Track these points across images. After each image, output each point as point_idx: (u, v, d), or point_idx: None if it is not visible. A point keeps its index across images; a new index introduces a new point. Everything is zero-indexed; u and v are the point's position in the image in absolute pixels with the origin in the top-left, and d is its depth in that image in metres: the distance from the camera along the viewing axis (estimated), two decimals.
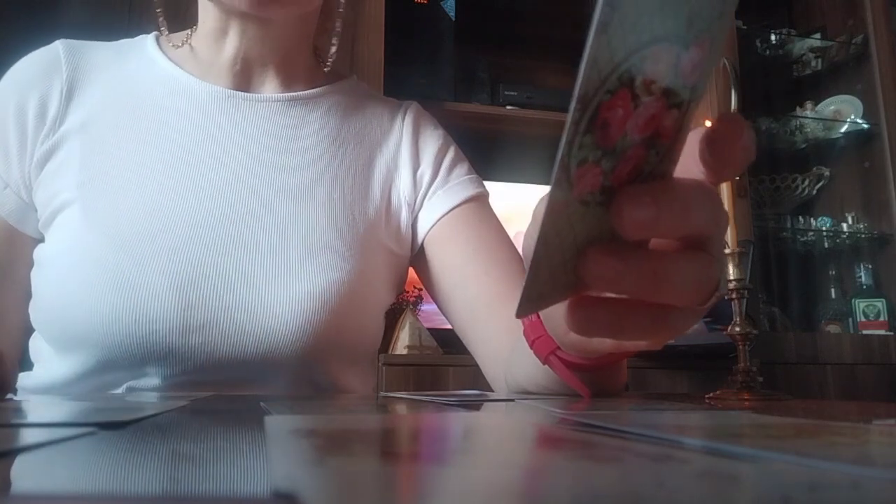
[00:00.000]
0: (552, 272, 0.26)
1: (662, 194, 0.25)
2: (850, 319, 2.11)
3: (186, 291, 0.59)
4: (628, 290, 0.27)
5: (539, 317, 0.43)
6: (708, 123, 0.27)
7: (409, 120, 0.75)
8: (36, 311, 0.63)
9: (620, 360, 0.47)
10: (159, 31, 0.72)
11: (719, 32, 0.25)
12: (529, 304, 0.27)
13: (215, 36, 0.68)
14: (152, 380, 0.59)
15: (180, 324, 0.59)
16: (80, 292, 0.58)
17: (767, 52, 2.26)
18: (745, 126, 0.25)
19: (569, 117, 0.22)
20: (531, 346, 0.46)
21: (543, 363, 0.46)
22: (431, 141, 0.74)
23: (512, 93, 1.96)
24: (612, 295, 0.29)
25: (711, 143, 0.26)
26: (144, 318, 0.58)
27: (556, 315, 0.36)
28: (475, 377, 0.73)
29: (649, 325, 0.29)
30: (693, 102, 0.25)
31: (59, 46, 0.68)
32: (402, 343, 1.65)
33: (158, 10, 0.70)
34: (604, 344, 0.38)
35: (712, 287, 0.28)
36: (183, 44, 0.71)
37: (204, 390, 0.58)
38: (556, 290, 0.28)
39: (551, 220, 0.24)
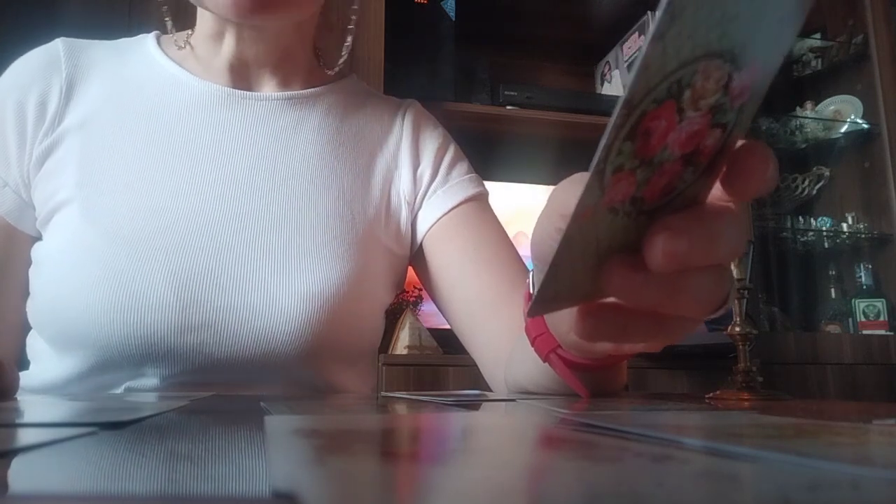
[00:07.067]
0: (571, 276, 0.26)
1: (695, 227, 0.25)
2: (850, 319, 2.11)
3: (184, 291, 0.59)
4: (647, 302, 0.27)
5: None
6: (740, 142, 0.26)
7: (408, 119, 0.75)
8: (33, 310, 0.63)
9: (621, 361, 0.47)
10: (166, 29, 0.72)
11: (774, 58, 0.24)
12: (543, 304, 0.27)
13: (212, 38, 0.68)
14: (151, 380, 0.59)
15: (178, 324, 0.58)
16: (77, 291, 0.58)
17: None
18: (769, 159, 0.25)
19: (611, 121, 0.22)
20: (532, 344, 0.46)
21: (544, 361, 0.46)
22: (431, 140, 0.74)
23: (512, 93, 1.96)
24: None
25: (733, 171, 0.26)
26: (142, 318, 0.58)
27: (558, 314, 0.36)
28: (475, 377, 0.72)
29: (651, 332, 0.30)
30: (738, 126, 0.25)
31: (59, 45, 0.68)
32: (402, 343, 1.65)
33: (165, 9, 0.70)
34: (604, 346, 0.38)
35: (723, 299, 0.29)
36: (184, 45, 0.71)
37: (203, 391, 0.58)
38: (572, 295, 0.28)
39: (577, 224, 0.24)
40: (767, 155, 0.25)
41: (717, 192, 0.27)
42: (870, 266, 2.14)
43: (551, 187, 0.33)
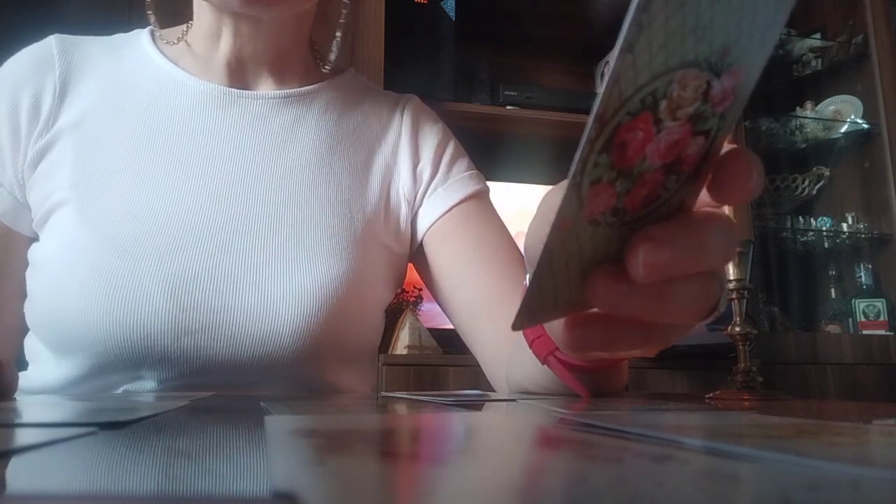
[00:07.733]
0: (555, 289, 0.26)
1: (679, 236, 0.25)
2: (850, 319, 2.11)
3: (180, 294, 0.58)
4: (633, 312, 0.27)
5: None
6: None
7: (407, 114, 0.74)
8: (30, 312, 0.63)
9: (620, 362, 0.47)
10: (153, 28, 0.71)
11: (758, 60, 0.23)
12: (528, 317, 0.27)
13: (210, 34, 0.68)
14: (148, 383, 0.59)
15: (174, 327, 0.58)
16: (73, 295, 0.58)
17: None
18: (753, 165, 0.25)
19: (584, 135, 0.21)
20: (530, 346, 0.46)
21: (542, 363, 0.46)
22: (431, 136, 0.73)
23: (512, 93, 1.96)
24: None
25: (718, 178, 0.26)
26: (137, 322, 0.57)
27: None
28: (475, 377, 0.73)
29: (641, 340, 0.29)
30: (721, 131, 0.24)
31: (52, 42, 0.67)
32: (402, 343, 1.65)
33: (150, 13, 0.69)
34: (596, 353, 0.38)
35: (713, 305, 0.28)
36: (178, 40, 0.70)
37: (202, 393, 0.58)
38: (557, 307, 0.28)
39: (558, 237, 0.24)
40: (752, 161, 0.25)
41: (706, 198, 0.27)
42: (870, 266, 2.14)
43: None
